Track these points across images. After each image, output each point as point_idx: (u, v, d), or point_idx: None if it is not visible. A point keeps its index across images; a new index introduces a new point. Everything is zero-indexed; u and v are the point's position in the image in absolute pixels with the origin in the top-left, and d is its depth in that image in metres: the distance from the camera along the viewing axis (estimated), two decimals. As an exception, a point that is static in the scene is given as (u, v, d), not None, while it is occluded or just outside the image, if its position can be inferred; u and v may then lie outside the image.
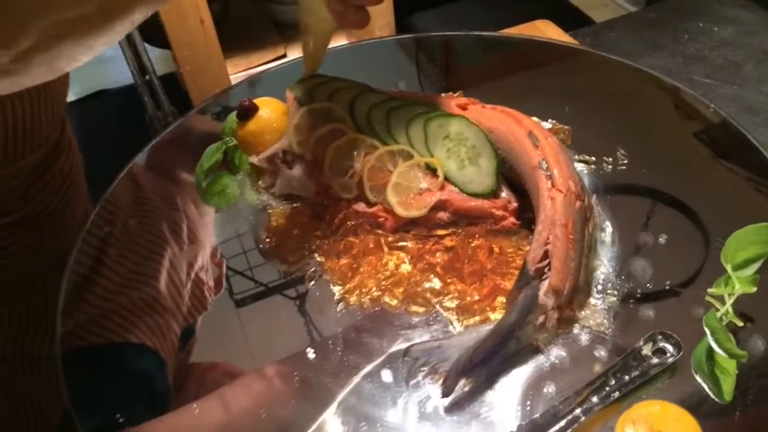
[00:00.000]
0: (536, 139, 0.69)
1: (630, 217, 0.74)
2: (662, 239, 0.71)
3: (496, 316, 0.65)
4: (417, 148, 0.75)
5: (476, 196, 0.72)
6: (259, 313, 0.70)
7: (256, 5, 2.11)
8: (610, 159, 0.80)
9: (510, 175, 0.73)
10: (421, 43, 1.07)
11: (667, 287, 0.67)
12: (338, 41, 1.61)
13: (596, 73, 0.94)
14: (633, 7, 2.06)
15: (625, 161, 0.79)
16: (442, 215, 0.73)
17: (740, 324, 0.63)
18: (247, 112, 0.80)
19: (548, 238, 0.64)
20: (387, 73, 1.00)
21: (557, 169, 0.66)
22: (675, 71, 1.02)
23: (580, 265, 0.64)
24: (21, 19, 0.37)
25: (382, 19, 1.78)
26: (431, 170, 0.74)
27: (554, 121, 0.84)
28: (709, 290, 0.65)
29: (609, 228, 0.72)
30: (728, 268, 0.64)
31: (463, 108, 0.76)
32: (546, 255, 0.64)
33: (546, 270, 0.63)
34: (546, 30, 1.20)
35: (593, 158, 0.80)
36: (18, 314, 0.76)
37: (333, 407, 0.60)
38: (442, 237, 0.72)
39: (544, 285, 0.63)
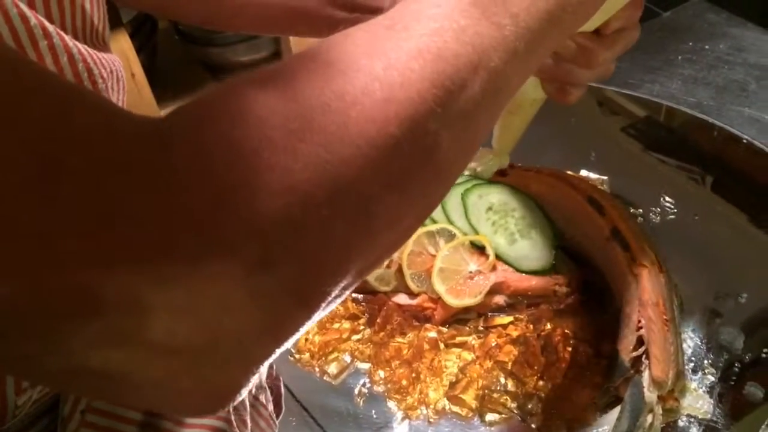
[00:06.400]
0: (599, 205, 0.61)
1: (697, 277, 0.66)
2: (742, 298, 0.64)
3: (592, 417, 0.57)
4: (458, 225, 0.66)
5: (533, 273, 0.64)
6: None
7: (186, 50, 1.98)
8: (657, 209, 0.73)
9: (567, 245, 0.65)
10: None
11: (765, 355, 0.60)
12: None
13: (609, 110, 0.87)
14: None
15: (674, 210, 0.73)
16: (499, 299, 0.64)
17: None
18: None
19: (640, 322, 0.56)
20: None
21: (634, 240, 0.58)
22: (677, 95, 0.97)
23: (678, 348, 0.57)
24: None
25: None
26: (478, 249, 0.65)
27: (588, 173, 0.76)
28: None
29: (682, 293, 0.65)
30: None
31: (502, 174, 0.68)
32: (641, 341, 0.56)
33: (643, 359, 0.55)
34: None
35: (640, 210, 0.73)
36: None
37: None
38: (505, 326, 0.63)
39: (646, 378, 0.55)
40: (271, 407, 0.58)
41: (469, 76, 0.30)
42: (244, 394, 0.30)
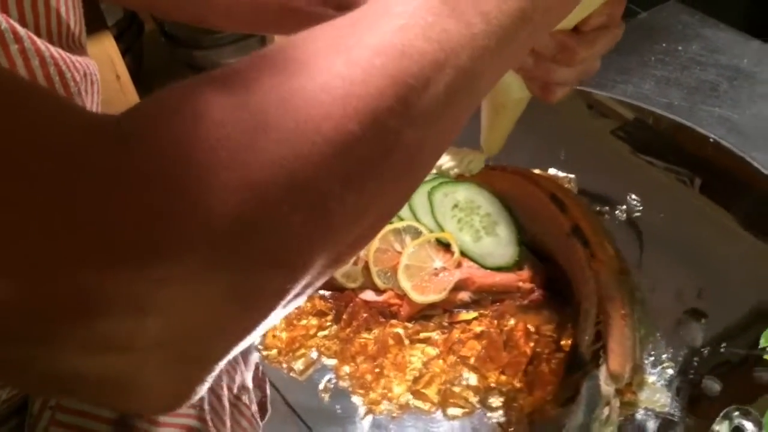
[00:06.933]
0: (561, 202, 0.62)
1: (659, 273, 0.67)
2: (702, 294, 0.65)
3: (551, 409, 0.57)
4: (424, 221, 0.67)
5: (498, 269, 0.65)
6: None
7: (172, 52, 1.99)
8: (624, 207, 0.74)
9: (529, 242, 0.66)
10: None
11: (723, 350, 0.61)
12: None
13: (578, 109, 0.88)
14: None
15: (640, 207, 0.74)
16: (464, 295, 0.65)
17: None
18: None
19: (598, 317, 0.57)
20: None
21: (594, 236, 0.59)
22: (650, 96, 0.98)
23: (635, 342, 0.58)
24: None
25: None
26: (444, 246, 0.66)
27: (556, 171, 0.77)
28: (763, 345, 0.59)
29: (644, 289, 0.66)
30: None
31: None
32: (599, 336, 0.57)
33: (601, 353, 0.56)
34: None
35: (606, 207, 0.74)
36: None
37: None
38: (469, 322, 0.64)
39: (603, 371, 0.55)
40: (254, 408, 0.58)
41: (434, 74, 0.30)
42: (203, 391, 0.30)
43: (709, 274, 0.66)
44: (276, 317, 0.29)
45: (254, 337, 0.29)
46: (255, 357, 0.61)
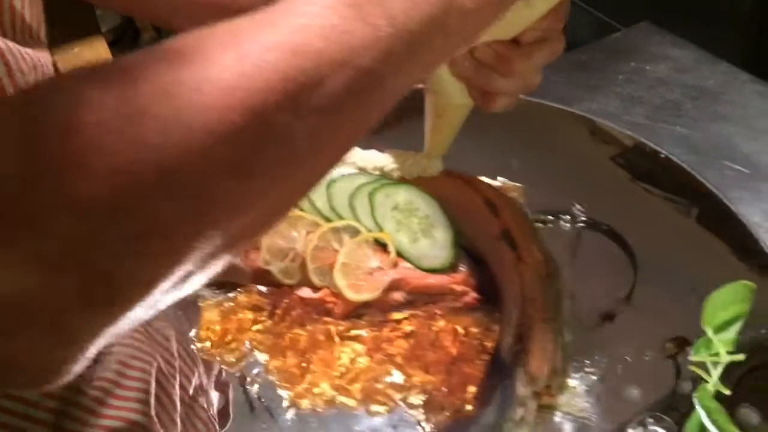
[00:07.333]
0: (494, 205, 0.63)
1: (594, 282, 0.68)
2: (634, 302, 0.66)
3: (469, 409, 0.58)
4: (364, 222, 0.68)
5: (433, 271, 0.66)
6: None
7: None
8: (568, 217, 0.75)
9: (467, 246, 0.67)
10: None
11: (647, 358, 0.62)
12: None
13: (536, 121, 0.89)
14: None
15: (583, 217, 0.74)
16: (398, 296, 0.66)
17: (728, 392, 0.58)
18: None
19: (521, 319, 0.57)
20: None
21: (522, 240, 0.60)
22: (614, 114, 0.99)
23: (556, 345, 0.58)
24: None
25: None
26: (382, 246, 0.67)
27: (505, 180, 0.78)
28: (692, 358, 0.60)
29: (575, 296, 0.67)
30: (709, 331, 0.59)
31: (410, 174, 0.70)
32: (520, 338, 0.57)
33: (521, 354, 0.57)
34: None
35: (550, 216, 0.75)
36: None
37: None
38: (399, 321, 0.65)
39: (521, 373, 0.56)
40: (213, 411, 0.59)
41: (330, 72, 0.30)
42: (76, 369, 0.30)
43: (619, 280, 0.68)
44: (160, 303, 0.30)
45: (134, 321, 0.29)
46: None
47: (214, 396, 0.60)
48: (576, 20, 1.80)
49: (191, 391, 0.56)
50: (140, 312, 0.29)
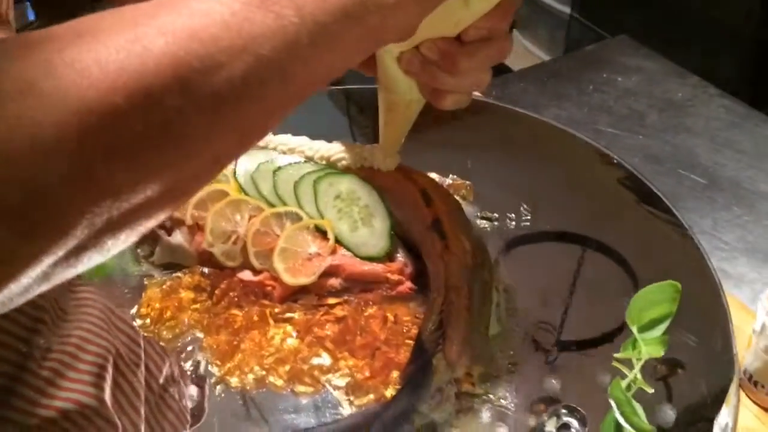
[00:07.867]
0: (429, 197, 0.64)
1: (533, 278, 0.69)
2: (571, 300, 0.67)
3: (391, 393, 0.59)
4: (306, 209, 0.69)
5: (370, 259, 0.67)
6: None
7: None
8: (513, 215, 0.76)
9: (404, 236, 0.68)
10: (351, 95, 1.02)
11: (573, 351, 0.62)
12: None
13: (499, 125, 0.91)
14: (548, 57, 2.09)
15: (528, 217, 0.76)
16: (334, 282, 0.67)
17: (650, 391, 0.59)
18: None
19: (442, 304, 0.58)
20: (319, 125, 0.95)
21: (451, 231, 0.61)
22: (580, 122, 1.00)
23: (479, 333, 0.59)
24: None
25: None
26: (322, 233, 0.68)
27: (455, 177, 0.80)
28: (616, 355, 0.60)
29: (512, 290, 0.68)
30: (634, 329, 0.60)
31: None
32: (440, 324, 0.58)
33: (440, 340, 0.58)
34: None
35: (496, 215, 0.76)
36: None
37: None
38: (332, 306, 0.66)
39: (440, 358, 0.57)
40: (185, 403, 0.59)
41: (227, 59, 0.30)
42: (6, 296, 0.30)
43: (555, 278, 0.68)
44: (54, 276, 0.30)
45: (26, 292, 0.30)
46: (199, 356, 0.63)
47: (193, 389, 0.61)
48: (572, 31, 1.82)
49: (161, 380, 0.56)
50: (33, 284, 0.30)
